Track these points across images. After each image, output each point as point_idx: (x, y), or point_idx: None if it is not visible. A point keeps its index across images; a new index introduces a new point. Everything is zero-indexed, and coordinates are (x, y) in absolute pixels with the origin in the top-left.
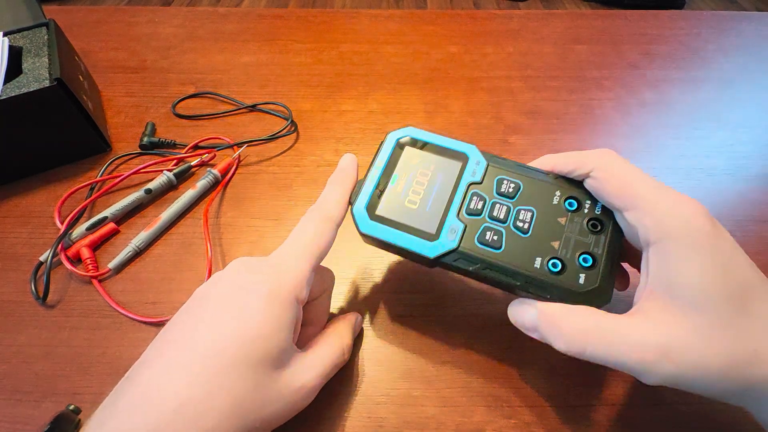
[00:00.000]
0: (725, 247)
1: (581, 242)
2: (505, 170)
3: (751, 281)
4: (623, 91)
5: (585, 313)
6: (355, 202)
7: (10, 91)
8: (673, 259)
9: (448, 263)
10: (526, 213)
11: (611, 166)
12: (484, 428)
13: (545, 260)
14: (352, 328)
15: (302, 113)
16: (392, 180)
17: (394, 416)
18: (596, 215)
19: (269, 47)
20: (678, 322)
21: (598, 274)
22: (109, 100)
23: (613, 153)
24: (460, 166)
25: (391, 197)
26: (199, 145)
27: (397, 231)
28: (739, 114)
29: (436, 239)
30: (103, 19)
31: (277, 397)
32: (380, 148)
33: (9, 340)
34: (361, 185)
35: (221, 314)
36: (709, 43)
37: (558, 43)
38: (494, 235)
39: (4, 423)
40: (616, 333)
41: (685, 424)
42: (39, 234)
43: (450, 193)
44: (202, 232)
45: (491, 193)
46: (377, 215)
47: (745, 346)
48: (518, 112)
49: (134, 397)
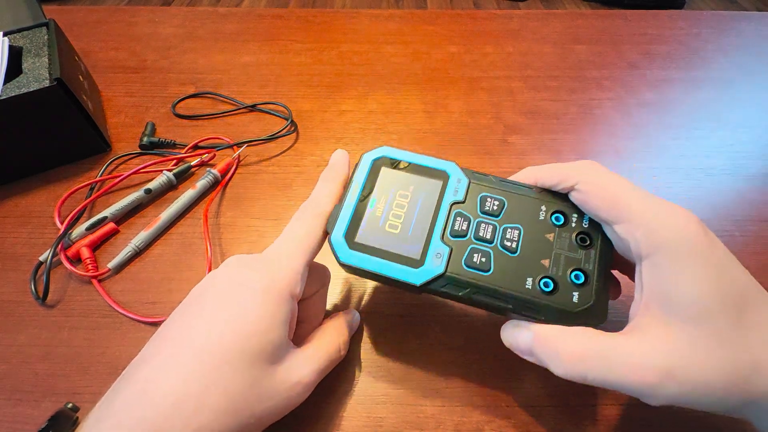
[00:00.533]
0: (719, 255)
1: (572, 258)
2: (488, 187)
3: (746, 290)
4: (623, 91)
5: (583, 335)
6: (332, 231)
7: (10, 91)
8: (667, 271)
9: (435, 289)
10: (512, 231)
11: (597, 179)
12: (483, 428)
13: (537, 280)
14: (348, 324)
15: (302, 113)
16: (370, 204)
17: (393, 416)
18: (584, 228)
19: (269, 47)
20: (677, 338)
21: (591, 291)
22: (109, 100)
23: (597, 164)
24: (440, 185)
25: (370, 223)
26: (199, 145)
27: (379, 259)
28: (739, 114)
29: (421, 265)
30: (103, 19)
31: (272, 392)
32: (355, 170)
33: (9, 340)
34: (338, 212)
35: (217, 311)
36: (708, 43)
37: (558, 43)
38: (482, 257)
39: (4, 423)
40: (615, 355)
41: (685, 424)
42: (39, 234)
43: (432, 214)
44: (202, 232)
45: (475, 212)
46: (357, 243)
47: (744, 357)
48: (518, 112)
49: (131, 394)
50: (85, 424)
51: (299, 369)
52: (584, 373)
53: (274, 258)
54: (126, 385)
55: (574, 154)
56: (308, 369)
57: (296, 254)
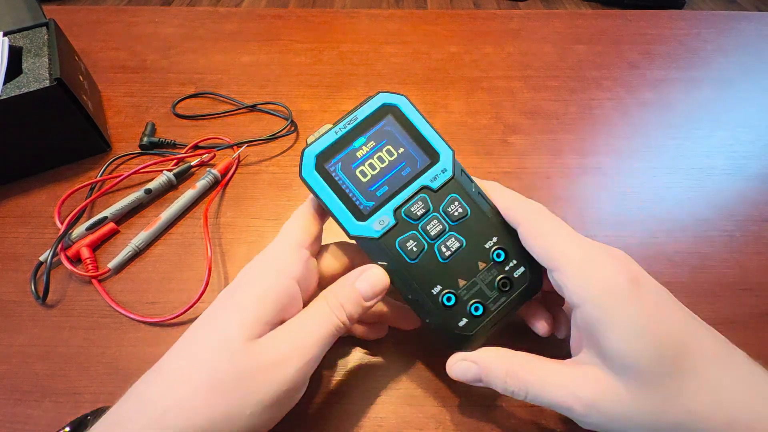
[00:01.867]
0: (649, 306)
1: (483, 293)
2: (464, 192)
3: (682, 337)
4: (623, 91)
5: (527, 358)
6: (310, 145)
7: (10, 91)
8: (595, 324)
9: (362, 246)
10: (455, 242)
11: (537, 224)
12: (483, 428)
13: (443, 291)
14: (350, 285)
15: (302, 113)
16: (357, 142)
17: (393, 416)
18: (512, 277)
19: (269, 47)
20: (608, 381)
21: (476, 327)
22: (109, 100)
23: (543, 209)
24: (425, 165)
25: (346, 158)
26: (199, 145)
27: (332, 193)
28: (739, 114)
29: (363, 221)
30: (103, 19)
31: (253, 369)
32: (365, 102)
33: (9, 340)
34: (326, 131)
35: (219, 297)
36: (708, 43)
37: (558, 43)
38: (415, 247)
39: (4, 423)
40: (553, 380)
41: None
42: (39, 234)
43: (401, 185)
44: (202, 232)
45: (437, 206)
46: (323, 168)
47: (677, 405)
48: (518, 112)
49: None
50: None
51: (278, 344)
52: (525, 391)
53: (269, 246)
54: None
55: (574, 154)
56: (288, 344)
57: (284, 239)
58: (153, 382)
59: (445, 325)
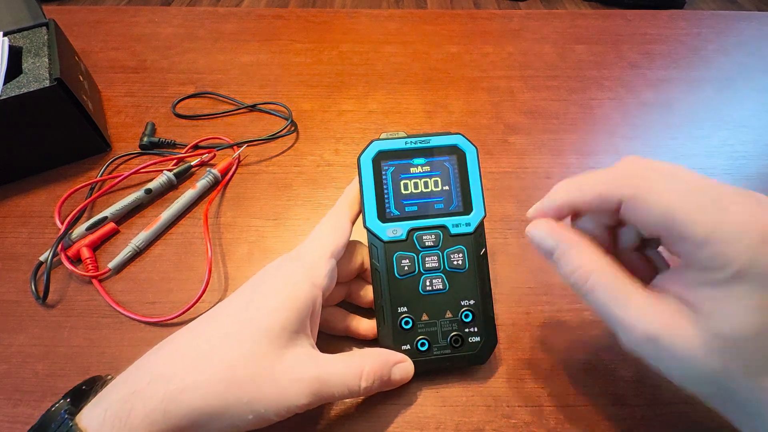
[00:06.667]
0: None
1: (435, 336)
2: (472, 251)
3: None
4: (623, 91)
5: (611, 261)
6: (380, 139)
7: (10, 91)
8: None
9: (370, 238)
10: (439, 283)
11: (646, 191)
12: (484, 428)
13: (406, 314)
14: (383, 365)
15: (302, 113)
16: (417, 159)
17: (394, 416)
18: (467, 340)
19: (269, 47)
20: (689, 321)
21: (413, 359)
22: (109, 100)
23: (640, 163)
24: (457, 211)
25: (401, 167)
26: (199, 145)
27: (373, 186)
28: (739, 114)
29: (382, 222)
30: (103, 19)
31: (269, 377)
32: (443, 134)
33: (9, 340)
34: (399, 137)
35: (243, 292)
36: (709, 43)
37: (558, 43)
38: (407, 267)
39: (4, 423)
40: (622, 290)
41: (685, 424)
42: (39, 234)
43: (427, 214)
44: (202, 232)
45: (444, 248)
46: (378, 163)
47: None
48: (518, 111)
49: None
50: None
51: (303, 366)
52: (591, 290)
53: (302, 251)
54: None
55: (574, 154)
56: (312, 372)
57: (319, 247)
58: (170, 359)
59: (391, 340)
